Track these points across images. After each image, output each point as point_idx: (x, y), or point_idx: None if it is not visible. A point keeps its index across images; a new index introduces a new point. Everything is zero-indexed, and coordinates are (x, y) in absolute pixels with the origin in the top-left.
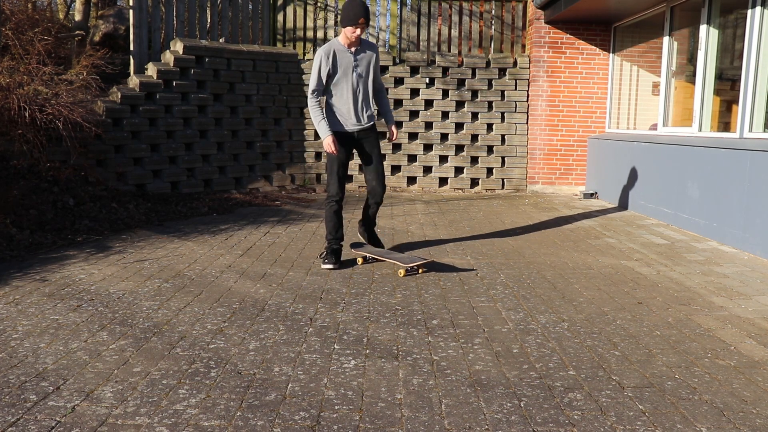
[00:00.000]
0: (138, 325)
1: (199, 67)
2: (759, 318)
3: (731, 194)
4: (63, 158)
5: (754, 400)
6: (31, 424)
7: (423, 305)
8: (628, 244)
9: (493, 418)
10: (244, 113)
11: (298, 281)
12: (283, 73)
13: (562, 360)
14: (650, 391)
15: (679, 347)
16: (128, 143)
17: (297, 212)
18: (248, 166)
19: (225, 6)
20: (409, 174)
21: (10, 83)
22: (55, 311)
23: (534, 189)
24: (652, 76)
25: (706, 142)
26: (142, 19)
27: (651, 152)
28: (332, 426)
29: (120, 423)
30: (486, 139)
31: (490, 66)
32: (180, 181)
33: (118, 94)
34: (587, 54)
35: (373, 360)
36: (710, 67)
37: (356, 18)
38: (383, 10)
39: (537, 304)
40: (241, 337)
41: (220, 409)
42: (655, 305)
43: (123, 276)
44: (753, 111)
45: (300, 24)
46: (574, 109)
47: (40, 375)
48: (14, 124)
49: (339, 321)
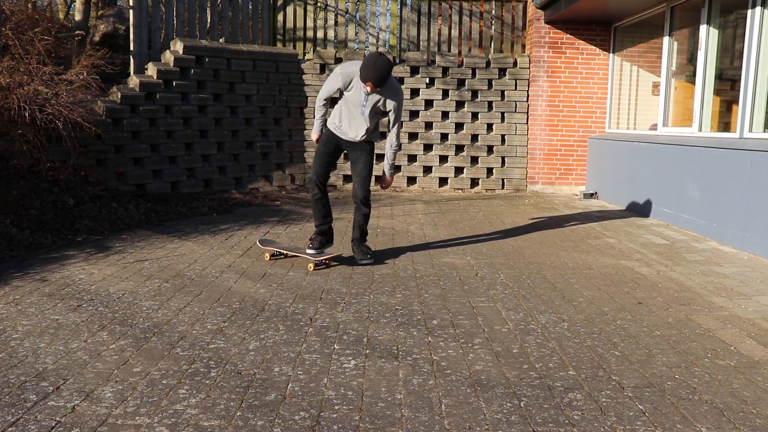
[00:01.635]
0: (138, 325)
1: (199, 67)
2: (759, 318)
3: (731, 194)
4: (63, 158)
5: (754, 400)
6: (31, 424)
7: (423, 305)
8: (628, 244)
9: (493, 418)
10: (244, 113)
11: (298, 281)
12: (283, 73)
13: (562, 360)
14: (650, 391)
15: (679, 347)
16: (128, 143)
17: (297, 212)
18: (248, 166)
19: (225, 6)
20: (409, 174)
21: (10, 83)
22: (55, 311)
23: (534, 189)
24: (652, 76)
25: (706, 142)
26: (142, 19)
27: (651, 152)
28: (332, 426)
29: (120, 423)
30: (486, 139)
31: (490, 66)
32: (180, 181)
33: (118, 94)
34: (587, 54)
35: (373, 360)
36: (710, 67)
37: (365, 80)
38: (383, 10)
39: (537, 304)
40: (241, 337)
41: (220, 409)
42: (655, 305)
43: (123, 276)
44: (753, 111)
45: (300, 24)
46: (574, 109)
47: (40, 375)
48: (14, 124)
49: (339, 321)
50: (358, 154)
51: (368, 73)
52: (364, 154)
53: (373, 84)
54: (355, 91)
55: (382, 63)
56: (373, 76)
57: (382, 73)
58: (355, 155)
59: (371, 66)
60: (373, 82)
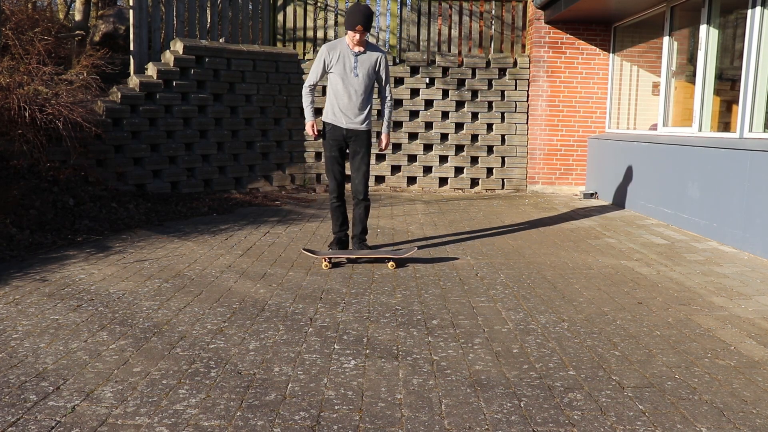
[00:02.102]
0: (138, 325)
1: (199, 67)
2: (759, 318)
3: (731, 194)
4: (63, 158)
5: (754, 400)
6: (31, 424)
7: (423, 305)
8: (628, 244)
9: (493, 418)
10: (244, 113)
11: (298, 281)
12: (283, 73)
13: (562, 360)
14: (650, 391)
15: (679, 347)
16: (128, 143)
17: (297, 212)
18: (248, 166)
19: (225, 6)
20: (409, 174)
21: (10, 83)
22: (55, 311)
23: (534, 189)
24: (652, 76)
25: (706, 142)
26: (142, 19)
27: (651, 152)
28: (332, 426)
29: (120, 423)
30: (486, 139)
31: (490, 66)
32: (180, 181)
33: (118, 94)
34: (587, 54)
35: (373, 360)
36: (710, 67)
37: (353, 25)
38: (383, 10)
39: (537, 304)
40: (241, 337)
41: (220, 409)
42: (655, 305)
43: (123, 276)
44: (753, 111)
45: (300, 24)
46: (574, 109)
47: (40, 375)
48: (14, 124)
49: (339, 321)
50: (357, 148)
51: (354, 17)
52: (363, 148)
53: (362, 26)
54: (342, 59)
55: (364, 7)
56: (360, 18)
57: (368, 13)
58: (354, 148)
59: (356, 11)
60: (362, 24)
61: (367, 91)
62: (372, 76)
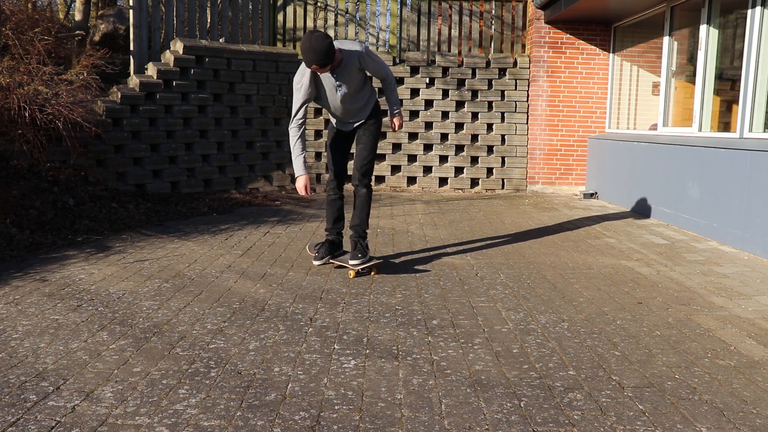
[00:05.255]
0: (138, 325)
1: (199, 67)
2: (759, 318)
3: (731, 194)
4: (63, 158)
5: (754, 400)
6: (31, 424)
7: (423, 305)
8: (628, 244)
9: (493, 418)
10: (244, 113)
11: (298, 281)
12: (283, 73)
13: (562, 360)
14: (650, 391)
15: (679, 347)
16: (128, 143)
17: (297, 212)
18: (248, 166)
19: (225, 6)
20: (409, 174)
21: (10, 83)
22: (55, 311)
23: (534, 189)
24: (652, 76)
25: (706, 142)
26: (142, 19)
27: (651, 152)
28: (332, 426)
29: (120, 423)
30: (486, 139)
31: (490, 66)
32: (180, 181)
33: (118, 94)
34: (587, 54)
35: (373, 360)
36: (710, 67)
37: (308, 65)
38: (383, 10)
39: (537, 304)
40: (241, 337)
41: (220, 409)
42: (655, 305)
43: (123, 276)
44: (753, 111)
45: (300, 24)
46: (574, 109)
47: (40, 375)
48: (14, 124)
49: (339, 321)
50: (363, 131)
51: (308, 56)
52: (367, 131)
53: (318, 65)
54: (322, 82)
55: (316, 39)
56: (314, 57)
57: (321, 49)
58: (359, 134)
59: (307, 48)
60: (317, 63)
61: (360, 93)
62: (359, 77)
